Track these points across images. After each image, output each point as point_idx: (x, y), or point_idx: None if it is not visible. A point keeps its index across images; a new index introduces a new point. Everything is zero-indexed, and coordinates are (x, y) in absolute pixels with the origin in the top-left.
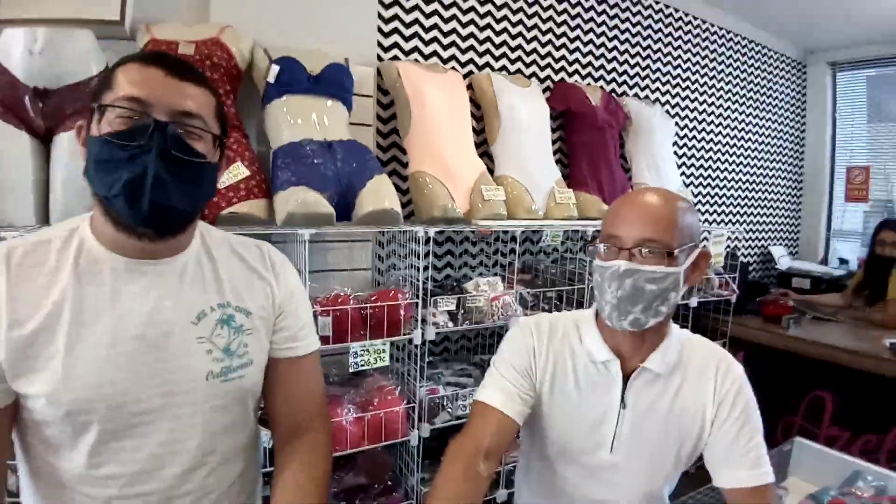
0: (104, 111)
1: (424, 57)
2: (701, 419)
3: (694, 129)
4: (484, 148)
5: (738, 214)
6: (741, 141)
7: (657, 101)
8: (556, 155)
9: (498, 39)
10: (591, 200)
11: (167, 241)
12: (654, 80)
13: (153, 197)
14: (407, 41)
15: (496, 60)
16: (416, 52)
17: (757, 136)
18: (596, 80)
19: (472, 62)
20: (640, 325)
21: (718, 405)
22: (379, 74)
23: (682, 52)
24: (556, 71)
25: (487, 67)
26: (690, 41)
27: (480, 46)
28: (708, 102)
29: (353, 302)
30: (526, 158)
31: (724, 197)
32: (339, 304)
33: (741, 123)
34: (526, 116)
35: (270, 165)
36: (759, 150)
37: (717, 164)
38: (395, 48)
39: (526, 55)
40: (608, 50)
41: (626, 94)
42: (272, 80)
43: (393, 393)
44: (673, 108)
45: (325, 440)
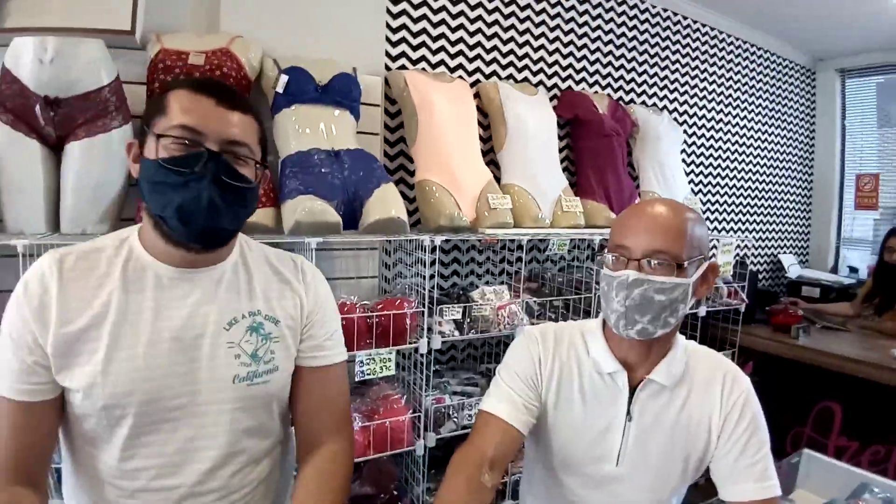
0: (159, 137)
1: (432, 66)
2: (707, 431)
3: (702, 136)
4: (491, 156)
5: (747, 222)
6: (750, 148)
7: (665, 108)
8: (563, 163)
9: (505, 48)
10: (598, 208)
11: (211, 253)
12: (661, 87)
13: (206, 220)
14: (414, 50)
15: (503, 69)
16: (423, 60)
17: (766, 143)
18: (603, 87)
19: (479, 70)
20: (647, 334)
21: (725, 417)
22: (387, 83)
23: (689, 59)
24: (563, 79)
25: (494, 76)
26: (698, 48)
27: (487, 55)
28: (716, 110)
29: (359, 310)
30: (533, 167)
31: (733, 205)
32: (345, 312)
33: (750, 131)
34: (533, 124)
35: (278, 174)
36: (768, 157)
37: (726, 171)
38: (402, 57)
39: (533, 63)
40: (615, 58)
41: (633, 101)
42: (281, 90)
43: (399, 402)
44: (681, 115)
45: (345, 449)
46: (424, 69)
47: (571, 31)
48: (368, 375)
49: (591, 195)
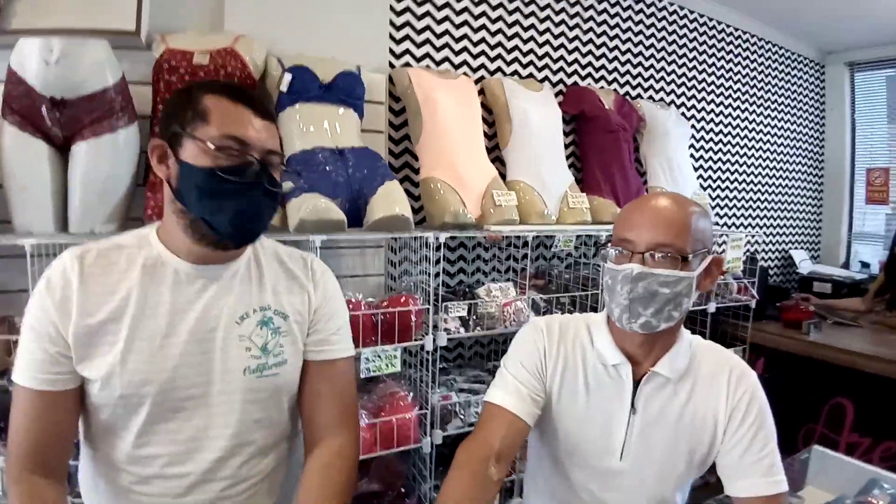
0: (204, 143)
1: (436, 63)
2: (713, 426)
3: (711, 131)
4: (496, 153)
5: (757, 218)
6: (759, 143)
7: (672, 103)
8: (569, 159)
9: (509, 44)
10: (604, 204)
11: (235, 250)
12: (668, 82)
13: (253, 223)
14: (418, 47)
15: (508, 65)
16: (427, 58)
17: (775, 138)
18: (609, 83)
19: (483, 67)
20: (651, 327)
21: (731, 412)
22: (391, 81)
23: (697, 53)
24: (568, 74)
25: (499, 72)
26: (706, 42)
27: (492, 51)
28: (724, 104)
29: (364, 307)
30: (538, 163)
31: (742, 200)
32: (350, 309)
33: (759, 126)
34: (538, 121)
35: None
36: (777, 152)
37: (735, 166)
38: (406, 55)
39: (538, 59)
40: (621, 52)
41: (640, 97)
42: (285, 89)
43: (405, 399)
44: (689, 110)
45: (351, 444)
46: (428, 66)
47: (577, 25)
48: (374, 372)
49: (597, 191)
